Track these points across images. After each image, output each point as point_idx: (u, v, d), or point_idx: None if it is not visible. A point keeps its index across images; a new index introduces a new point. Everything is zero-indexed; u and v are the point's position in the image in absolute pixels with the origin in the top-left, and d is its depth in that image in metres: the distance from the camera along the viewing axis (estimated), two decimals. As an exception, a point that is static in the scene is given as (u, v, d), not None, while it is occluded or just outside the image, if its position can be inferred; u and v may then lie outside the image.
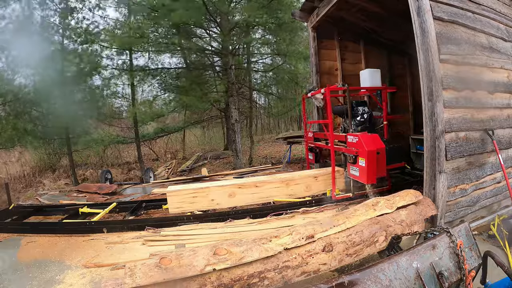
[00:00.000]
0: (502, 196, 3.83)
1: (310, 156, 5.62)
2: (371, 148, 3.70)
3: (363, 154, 3.73)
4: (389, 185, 4.45)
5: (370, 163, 3.68)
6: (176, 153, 14.92)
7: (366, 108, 4.66)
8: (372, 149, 3.70)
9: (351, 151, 3.99)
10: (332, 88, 4.53)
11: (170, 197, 4.21)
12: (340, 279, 1.72)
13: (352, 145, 4.00)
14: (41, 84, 8.70)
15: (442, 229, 2.18)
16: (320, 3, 5.62)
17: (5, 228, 4.06)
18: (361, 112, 4.58)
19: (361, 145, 3.79)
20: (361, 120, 4.49)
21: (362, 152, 3.74)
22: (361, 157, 3.78)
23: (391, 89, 5.36)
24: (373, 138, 3.88)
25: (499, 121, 3.71)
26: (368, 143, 3.75)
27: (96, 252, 3.28)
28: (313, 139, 5.53)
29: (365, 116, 4.53)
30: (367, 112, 4.59)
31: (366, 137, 3.84)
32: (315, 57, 6.33)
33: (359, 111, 4.59)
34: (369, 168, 3.70)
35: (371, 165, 3.69)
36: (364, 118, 4.51)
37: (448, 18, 3.23)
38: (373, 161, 3.70)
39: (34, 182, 10.08)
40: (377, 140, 3.87)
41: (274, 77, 12.80)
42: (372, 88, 4.89)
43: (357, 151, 3.85)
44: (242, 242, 2.17)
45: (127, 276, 1.84)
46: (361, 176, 3.88)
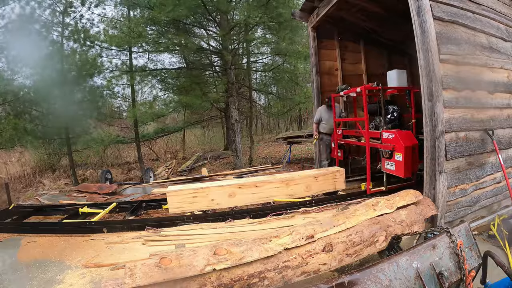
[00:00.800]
0: (502, 196, 3.83)
1: (338, 153, 5.80)
2: (407, 143, 3.93)
3: (400, 150, 3.96)
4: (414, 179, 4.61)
5: (407, 157, 3.91)
6: (176, 153, 14.93)
7: (395, 106, 4.90)
8: (408, 144, 3.93)
9: (387, 146, 4.18)
10: (368, 87, 4.74)
11: (170, 197, 4.20)
12: (340, 279, 1.72)
13: (387, 141, 4.21)
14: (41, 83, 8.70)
15: (442, 229, 2.18)
16: (320, 3, 5.62)
17: (5, 228, 4.06)
18: (391, 111, 4.80)
19: (398, 141, 4.00)
20: (391, 118, 4.71)
21: (399, 147, 3.96)
22: (397, 152, 4.01)
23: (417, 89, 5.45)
24: (408, 134, 4.11)
25: (499, 121, 3.72)
26: (405, 139, 3.98)
27: (96, 252, 3.28)
28: (341, 136, 5.69)
29: (395, 115, 4.75)
30: (396, 111, 4.83)
31: (402, 134, 4.06)
32: (315, 57, 6.33)
33: (390, 110, 4.81)
34: (406, 163, 3.93)
35: (408, 159, 3.92)
36: (394, 116, 4.74)
37: (448, 18, 3.23)
38: (409, 156, 3.93)
39: (34, 182, 10.08)
40: (412, 137, 4.12)
41: (273, 77, 12.80)
42: (402, 88, 5.10)
43: (394, 146, 4.06)
44: (242, 242, 2.17)
45: (127, 276, 1.84)
46: (397, 170, 4.10)
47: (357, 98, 5.88)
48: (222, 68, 11.53)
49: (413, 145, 4.00)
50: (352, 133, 5.57)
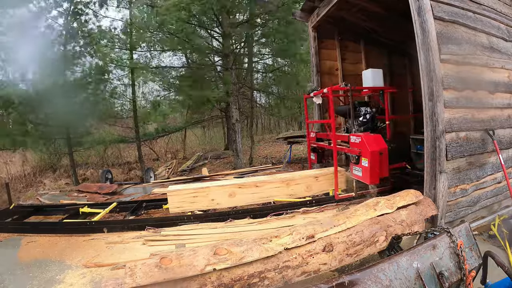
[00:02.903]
0: (503, 196, 3.83)
1: (312, 156, 5.57)
2: (374, 148, 3.70)
3: (366, 155, 3.73)
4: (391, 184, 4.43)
5: (373, 163, 3.68)
6: (177, 153, 14.93)
7: (368, 108, 4.62)
8: (375, 149, 3.69)
9: (354, 151, 3.98)
10: (335, 88, 4.51)
11: (171, 196, 4.21)
12: (340, 279, 1.72)
13: (355, 145, 3.99)
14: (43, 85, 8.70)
15: (442, 229, 2.18)
16: (320, 3, 5.61)
17: (6, 227, 4.06)
18: (364, 112, 4.52)
19: (364, 146, 3.78)
20: (363, 121, 4.44)
21: (365, 152, 3.74)
22: (364, 157, 3.78)
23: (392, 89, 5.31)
24: (376, 138, 3.86)
25: (499, 121, 3.71)
26: (371, 144, 3.74)
27: (96, 252, 3.28)
28: (315, 139, 5.48)
29: (367, 117, 4.47)
30: (369, 113, 4.55)
31: (369, 138, 3.82)
32: (315, 57, 6.33)
33: (362, 111, 4.55)
34: (372, 169, 3.69)
35: (374, 165, 3.69)
36: (367, 118, 4.45)
37: (449, 18, 3.23)
38: (376, 161, 3.69)
39: (35, 182, 10.09)
40: (380, 141, 3.85)
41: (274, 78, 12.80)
42: (374, 88, 4.84)
43: (360, 151, 3.84)
44: (243, 242, 2.17)
45: (127, 276, 1.84)
46: (364, 176, 3.86)
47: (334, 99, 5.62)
48: (223, 68, 11.53)
49: (381, 149, 3.74)
50: (324, 136, 5.38)
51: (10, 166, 10.51)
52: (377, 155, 3.69)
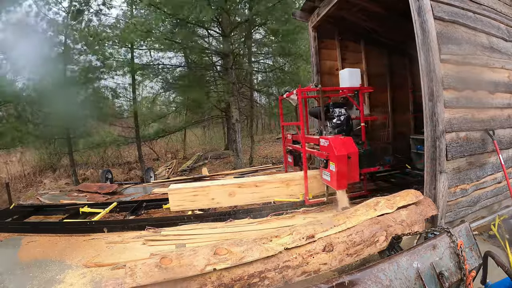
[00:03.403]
0: (503, 196, 3.83)
1: (289, 159, 5.37)
2: (341, 152, 3.51)
3: (333, 159, 3.55)
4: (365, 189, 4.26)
5: (340, 168, 3.49)
6: (177, 153, 14.93)
7: (342, 109, 4.44)
8: (342, 153, 3.50)
9: (322, 155, 3.80)
10: (304, 90, 4.33)
11: (172, 195, 4.22)
12: (340, 279, 1.72)
13: (323, 148, 3.81)
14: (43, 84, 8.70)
15: (442, 229, 2.18)
16: (320, 3, 5.62)
17: (6, 227, 4.07)
18: (338, 114, 4.36)
19: (331, 149, 3.59)
20: (337, 122, 4.30)
21: (332, 156, 3.56)
22: (331, 161, 3.59)
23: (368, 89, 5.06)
24: (345, 141, 3.67)
25: (499, 121, 3.71)
26: (339, 147, 3.55)
27: (96, 251, 3.29)
28: (291, 141, 5.29)
29: (341, 118, 4.32)
30: (343, 114, 4.38)
31: (337, 141, 3.64)
32: (315, 57, 6.33)
33: (336, 113, 4.38)
34: (339, 173, 3.49)
35: (342, 170, 3.49)
36: (341, 120, 4.31)
37: (449, 18, 3.23)
38: (343, 166, 3.50)
39: (35, 182, 10.10)
40: (349, 144, 3.67)
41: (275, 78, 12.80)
42: (348, 89, 4.62)
43: (328, 155, 3.67)
44: (243, 242, 2.17)
45: (127, 276, 1.84)
46: (331, 181, 3.66)
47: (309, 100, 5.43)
48: (223, 68, 11.53)
49: (350, 153, 3.53)
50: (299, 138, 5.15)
51: (10, 166, 10.51)
52: (344, 159, 3.50)
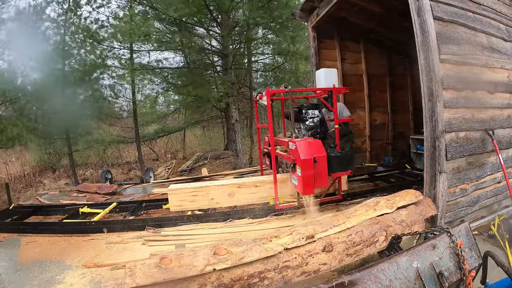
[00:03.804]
0: (502, 196, 3.83)
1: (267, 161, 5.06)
2: (306, 156, 3.34)
3: (298, 162, 3.40)
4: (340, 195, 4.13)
5: (305, 172, 3.33)
6: (176, 153, 14.92)
7: (316, 111, 4.25)
8: (308, 157, 3.32)
9: (290, 158, 3.67)
10: (273, 92, 4.14)
11: (171, 195, 4.21)
12: (340, 279, 1.72)
13: (291, 152, 3.65)
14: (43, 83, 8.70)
15: (442, 229, 2.18)
16: (320, 3, 5.61)
17: (5, 228, 4.06)
18: (311, 116, 4.18)
19: (297, 153, 3.44)
20: (310, 125, 4.12)
21: (298, 160, 3.42)
22: (298, 165, 3.44)
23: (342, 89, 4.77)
24: (312, 144, 3.49)
25: (499, 121, 3.71)
26: (304, 151, 3.38)
27: (96, 252, 3.28)
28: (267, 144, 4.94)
29: (314, 120, 4.14)
30: (317, 116, 4.20)
31: (303, 144, 3.46)
32: (315, 57, 6.33)
33: (309, 115, 4.20)
34: (304, 178, 3.33)
35: (307, 174, 3.33)
36: (314, 122, 4.13)
37: (449, 18, 3.23)
38: (309, 170, 3.33)
39: (34, 182, 10.08)
40: (317, 147, 3.48)
41: (274, 77, 12.81)
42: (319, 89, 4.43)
43: (295, 158, 3.51)
44: (242, 242, 2.17)
45: (127, 276, 1.84)
46: (298, 186, 3.49)
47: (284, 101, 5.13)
48: (223, 68, 11.54)
49: (316, 157, 3.35)
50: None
51: (10, 166, 10.50)
52: (310, 163, 3.32)
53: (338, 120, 4.26)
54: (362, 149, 7.04)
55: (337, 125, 4.13)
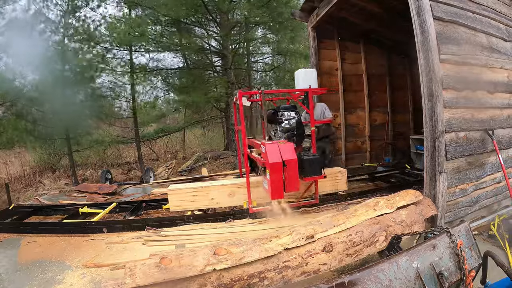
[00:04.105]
0: (502, 196, 3.83)
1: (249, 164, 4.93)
2: (275, 159, 3.20)
3: (267, 166, 3.29)
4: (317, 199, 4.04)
5: (274, 176, 3.20)
6: (176, 153, 14.91)
7: (292, 113, 4.12)
8: (276, 160, 3.18)
9: (260, 161, 3.58)
10: (246, 93, 4.06)
11: (171, 195, 4.21)
12: (340, 279, 1.72)
13: (263, 155, 3.54)
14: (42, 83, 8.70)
15: (442, 229, 2.18)
16: (320, 3, 5.62)
17: (5, 228, 4.06)
18: (286, 118, 4.04)
19: (265, 156, 3.32)
20: (286, 127, 3.98)
21: (266, 163, 3.30)
22: (267, 168, 3.31)
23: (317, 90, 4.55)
24: (283, 147, 3.32)
25: (499, 121, 3.71)
26: (273, 154, 3.23)
27: (96, 252, 3.28)
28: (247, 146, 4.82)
29: (291, 122, 4.00)
30: (293, 117, 4.06)
31: (272, 147, 3.32)
32: (315, 57, 6.33)
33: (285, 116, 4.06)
34: (272, 182, 3.20)
35: (276, 179, 3.20)
36: (290, 124, 3.99)
37: (448, 18, 3.24)
38: (277, 174, 3.19)
39: (34, 182, 10.08)
40: (288, 150, 3.31)
41: (274, 77, 12.82)
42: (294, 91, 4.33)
43: (264, 162, 3.40)
44: (242, 242, 2.17)
45: (127, 276, 1.84)
46: (268, 189, 3.35)
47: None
48: (222, 68, 11.54)
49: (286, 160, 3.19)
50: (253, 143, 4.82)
51: (10, 167, 10.50)
52: (279, 167, 3.18)
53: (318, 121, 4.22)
54: (362, 149, 7.04)
55: (313, 127, 4.05)
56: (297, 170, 3.25)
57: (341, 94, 6.67)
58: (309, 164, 3.53)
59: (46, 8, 8.89)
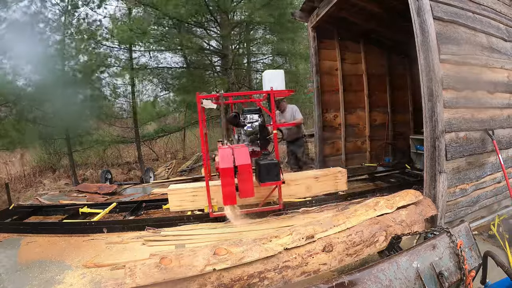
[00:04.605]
0: (502, 196, 3.83)
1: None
2: (226, 164, 3.09)
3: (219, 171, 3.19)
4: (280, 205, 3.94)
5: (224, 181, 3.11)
6: (176, 153, 14.90)
7: (255, 116, 3.99)
8: (227, 166, 3.07)
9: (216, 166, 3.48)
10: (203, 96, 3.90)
11: (171, 195, 4.21)
12: (340, 279, 1.72)
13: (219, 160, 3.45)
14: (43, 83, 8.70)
15: (442, 229, 2.18)
16: (320, 3, 5.62)
17: (5, 228, 4.05)
18: (249, 121, 3.92)
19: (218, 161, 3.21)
20: (248, 130, 3.85)
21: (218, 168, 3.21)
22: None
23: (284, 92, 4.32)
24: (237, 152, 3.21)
25: (499, 121, 3.71)
26: (225, 159, 3.14)
27: (96, 252, 3.28)
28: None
29: (253, 125, 3.86)
30: (255, 121, 3.93)
31: (225, 152, 3.22)
32: (315, 57, 6.33)
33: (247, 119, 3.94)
34: (224, 187, 3.12)
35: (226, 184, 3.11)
36: (253, 127, 3.86)
37: (448, 18, 3.24)
38: (228, 179, 3.10)
39: (34, 182, 10.08)
40: (242, 155, 3.18)
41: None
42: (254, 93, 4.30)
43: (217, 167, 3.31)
44: (242, 242, 2.17)
45: (127, 276, 1.84)
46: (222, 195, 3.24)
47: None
48: (222, 68, 11.55)
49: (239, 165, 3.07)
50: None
51: (10, 167, 10.50)
52: (230, 172, 3.07)
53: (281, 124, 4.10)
54: (362, 149, 7.04)
55: (275, 130, 3.90)
56: (251, 175, 3.14)
57: (341, 94, 6.67)
58: (265, 169, 3.42)
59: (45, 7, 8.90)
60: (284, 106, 5.69)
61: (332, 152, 6.73)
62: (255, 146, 3.85)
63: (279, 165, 3.53)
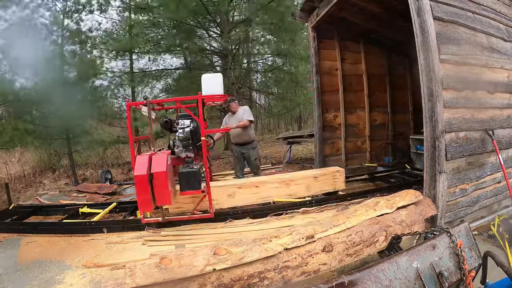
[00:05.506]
0: (502, 196, 3.83)
1: None
2: (140, 171, 3.06)
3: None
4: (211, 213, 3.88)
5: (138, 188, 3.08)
6: (176, 153, 14.91)
7: (187, 121, 3.93)
8: (140, 173, 3.05)
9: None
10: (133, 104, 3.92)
11: (171, 196, 4.21)
12: (340, 279, 1.72)
13: None
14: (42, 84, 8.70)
15: (442, 229, 2.18)
16: (320, 3, 5.62)
17: (5, 228, 4.06)
18: (181, 126, 3.87)
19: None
20: (180, 136, 3.78)
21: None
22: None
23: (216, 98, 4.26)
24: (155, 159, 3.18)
25: (499, 121, 3.71)
26: (140, 166, 3.11)
27: (96, 252, 3.28)
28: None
29: (185, 131, 3.80)
30: (187, 126, 3.88)
31: (142, 159, 3.17)
32: (315, 57, 6.33)
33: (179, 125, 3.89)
34: (138, 195, 3.10)
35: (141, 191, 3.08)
36: (185, 133, 3.79)
37: (448, 18, 3.24)
38: (142, 186, 3.06)
39: (34, 182, 10.06)
40: (160, 162, 3.14)
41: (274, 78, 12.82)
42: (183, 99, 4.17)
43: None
44: (242, 242, 2.17)
45: (127, 276, 1.85)
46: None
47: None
48: (222, 68, 11.55)
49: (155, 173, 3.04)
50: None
51: (9, 166, 10.49)
52: (143, 179, 3.04)
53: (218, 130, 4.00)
54: (362, 149, 7.04)
55: (203, 136, 3.82)
56: (166, 183, 3.11)
57: (341, 94, 6.66)
58: (184, 177, 3.41)
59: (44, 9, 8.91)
60: (235, 108, 5.40)
61: (332, 152, 6.72)
62: (188, 152, 3.78)
63: (199, 173, 3.50)
